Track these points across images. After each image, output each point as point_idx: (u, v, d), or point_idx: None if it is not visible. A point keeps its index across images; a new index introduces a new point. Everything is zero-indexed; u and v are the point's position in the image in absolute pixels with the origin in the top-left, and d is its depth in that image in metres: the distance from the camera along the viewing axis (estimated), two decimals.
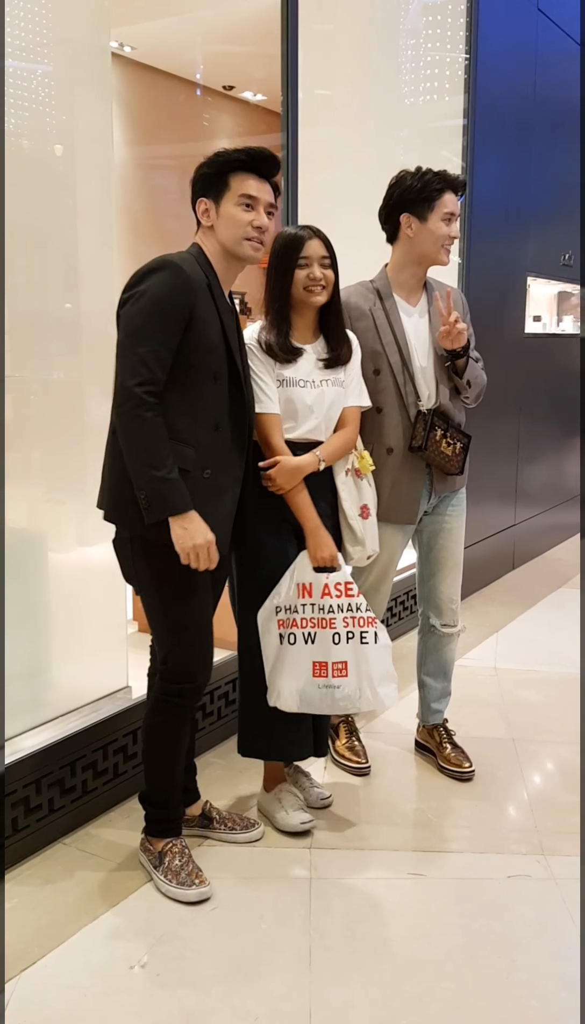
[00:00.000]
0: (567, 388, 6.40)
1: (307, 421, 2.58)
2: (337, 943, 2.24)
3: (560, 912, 2.37)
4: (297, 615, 2.56)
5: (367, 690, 2.59)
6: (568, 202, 6.02)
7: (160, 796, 2.49)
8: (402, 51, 4.55)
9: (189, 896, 2.37)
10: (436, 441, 2.84)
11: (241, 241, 2.29)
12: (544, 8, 5.26)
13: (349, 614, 2.58)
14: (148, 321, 2.15)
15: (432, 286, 2.94)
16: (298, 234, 2.53)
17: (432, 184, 2.78)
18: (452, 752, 3.11)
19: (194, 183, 2.34)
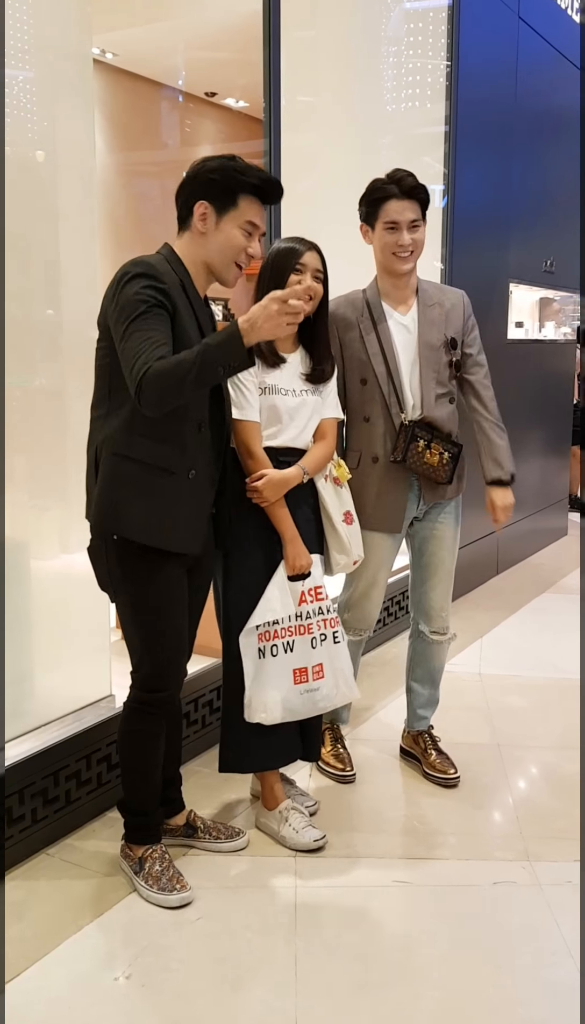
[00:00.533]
0: (549, 393, 6.43)
1: (288, 429, 2.58)
2: (323, 952, 2.23)
3: (546, 918, 2.36)
4: (278, 626, 2.57)
5: (342, 685, 2.68)
6: (549, 209, 6.05)
7: (138, 803, 2.48)
8: (384, 58, 4.56)
9: (170, 901, 2.36)
10: (418, 452, 2.84)
11: (230, 265, 2.28)
12: (525, 16, 5.29)
13: (321, 617, 2.63)
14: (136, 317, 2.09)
15: (429, 294, 2.90)
16: (296, 246, 2.55)
17: (375, 192, 2.77)
18: (437, 758, 3.11)
19: (196, 183, 2.25)
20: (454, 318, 2.90)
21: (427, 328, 2.86)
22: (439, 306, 2.89)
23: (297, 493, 2.61)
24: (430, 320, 2.86)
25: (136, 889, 2.43)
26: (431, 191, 4.74)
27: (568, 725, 3.57)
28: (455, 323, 2.90)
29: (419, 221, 2.78)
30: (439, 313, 2.88)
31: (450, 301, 2.91)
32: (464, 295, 2.97)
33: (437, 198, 4.75)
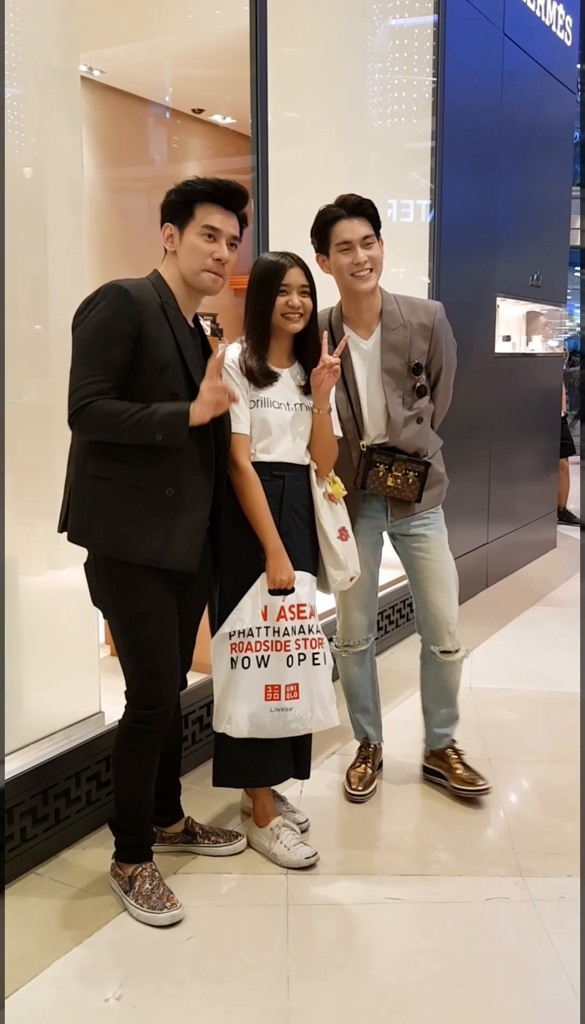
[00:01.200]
0: (536, 406, 6.45)
1: (281, 442, 2.58)
2: (315, 971, 2.21)
3: (539, 934, 2.35)
4: (252, 638, 2.55)
5: (318, 711, 2.60)
6: (535, 223, 6.08)
7: (130, 822, 2.47)
8: (370, 75, 4.59)
9: (160, 920, 2.34)
10: (379, 478, 2.84)
11: (199, 272, 2.31)
12: (509, 32, 5.33)
13: (301, 636, 2.57)
14: (93, 346, 2.20)
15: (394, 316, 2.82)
16: (279, 262, 2.54)
17: (322, 218, 2.76)
18: (465, 772, 3.06)
19: (162, 208, 2.36)
20: (419, 342, 2.84)
21: (388, 354, 2.82)
22: (404, 328, 2.83)
23: (293, 509, 2.61)
24: (392, 345, 2.82)
25: (126, 908, 2.41)
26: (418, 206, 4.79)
27: (559, 739, 3.56)
28: (419, 346, 2.84)
29: (372, 237, 2.74)
30: (403, 336, 2.82)
31: (418, 321, 2.84)
32: (438, 312, 2.89)
33: (423, 213, 4.78)
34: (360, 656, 3.11)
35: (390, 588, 4.47)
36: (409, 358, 2.83)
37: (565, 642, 4.74)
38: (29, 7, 2.56)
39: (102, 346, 2.19)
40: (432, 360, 2.89)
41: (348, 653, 3.11)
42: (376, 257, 2.75)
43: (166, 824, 2.70)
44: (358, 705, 3.18)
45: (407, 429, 2.86)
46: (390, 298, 2.87)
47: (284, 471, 2.60)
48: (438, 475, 2.96)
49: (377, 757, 3.21)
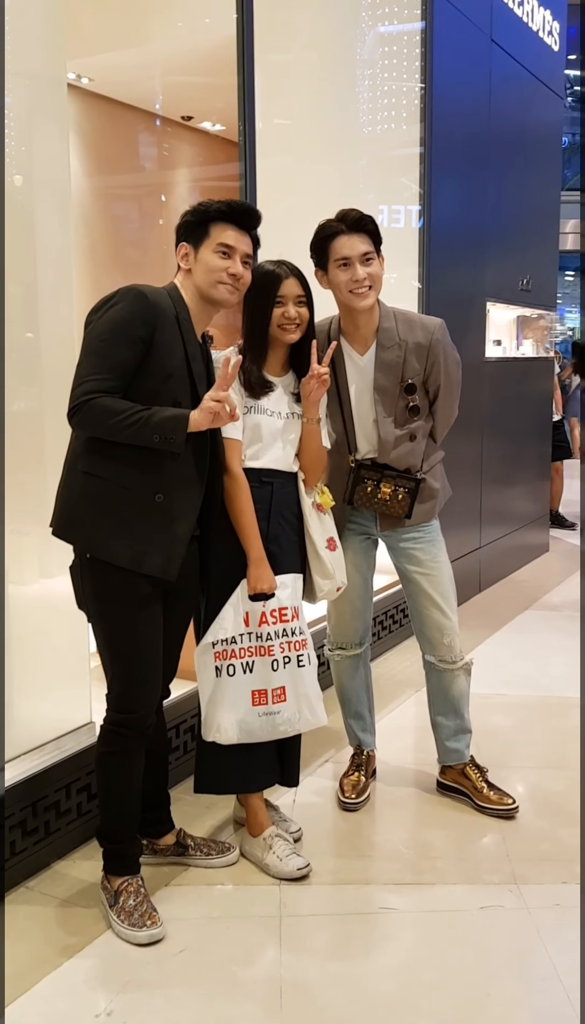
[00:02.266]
0: (527, 410, 6.45)
1: (271, 449, 2.57)
2: (308, 983, 2.19)
3: (535, 943, 2.33)
4: (236, 646, 2.54)
5: (306, 711, 2.60)
6: (524, 227, 6.09)
7: (114, 831, 2.45)
8: (358, 81, 4.59)
9: (139, 938, 2.32)
10: (367, 494, 2.83)
11: (215, 284, 2.34)
12: (497, 39, 5.34)
13: (285, 639, 2.57)
14: (103, 342, 2.21)
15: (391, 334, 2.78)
16: (275, 271, 2.53)
17: (322, 232, 2.73)
18: (491, 792, 3.00)
19: (177, 229, 2.42)
20: (414, 361, 2.79)
21: (382, 372, 2.79)
22: (399, 347, 2.78)
23: (282, 515, 2.61)
24: (386, 364, 2.78)
25: (109, 923, 2.39)
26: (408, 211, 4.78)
27: (552, 744, 3.55)
28: (414, 366, 2.79)
29: (372, 254, 2.70)
30: (397, 355, 2.78)
31: (415, 340, 2.78)
32: (436, 331, 2.81)
33: (413, 219, 4.78)
34: (354, 661, 3.10)
35: (384, 593, 4.45)
36: (402, 377, 2.80)
37: (559, 647, 4.73)
38: (15, 14, 2.54)
39: (113, 344, 2.20)
40: (429, 379, 2.84)
41: (341, 657, 3.09)
42: (375, 274, 2.71)
43: (157, 836, 2.68)
44: (352, 711, 3.16)
45: (398, 448, 2.84)
46: (389, 314, 2.82)
47: (272, 478, 2.59)
48: (431, 490, 2.93)
49: (371, 764, 3.19)
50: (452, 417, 2.99)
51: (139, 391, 2.23)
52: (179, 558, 2.33)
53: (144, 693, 2.38)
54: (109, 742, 2.41)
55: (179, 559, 2.33)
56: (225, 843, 2.73)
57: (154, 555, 2.28)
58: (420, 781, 3.21)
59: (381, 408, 2.81)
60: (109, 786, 2.43)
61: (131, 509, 2.26)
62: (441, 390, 2.88)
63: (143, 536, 2.27)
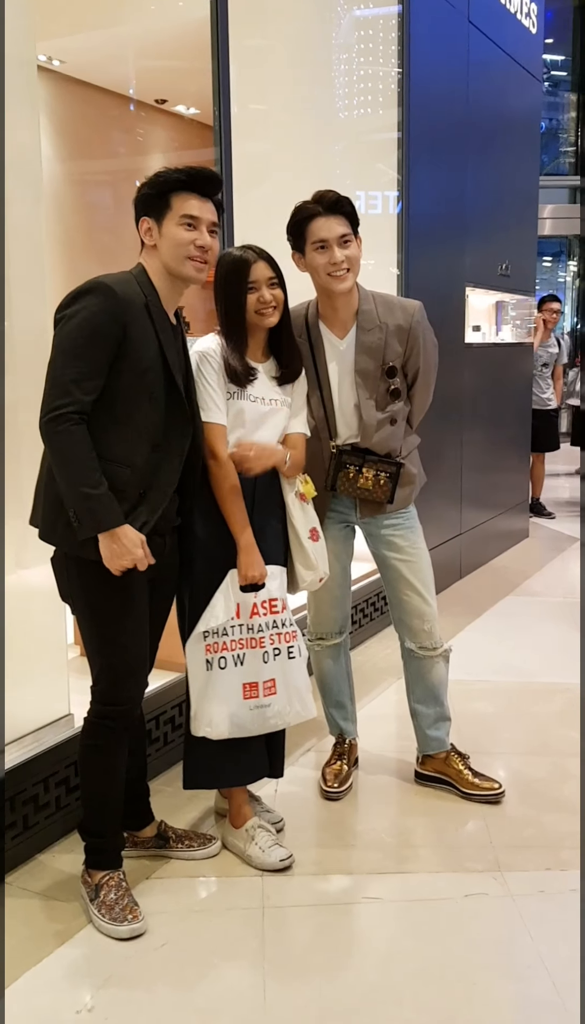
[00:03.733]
0: (507, 396, 6.44)
1: (254, 435, 2.55)
2: (292, 975, 2.17)
3: (519, 931, 2.32)
4: (227, 638, 2.51)
5: (296, 703, 2.59)
6: (503, 212, 6.06)
7: (97, 824, 2.43)
8: (335, 65, 4.54)
9: (120, 932, 2.30)
10: (349, 479, 2.81)
11: (184, 260, 2.28)
12: (474, 20, 5.29)
13: (275, 631, 2.55)
14: (76, 343, 2.16)
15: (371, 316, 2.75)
16: (243, 257, 2.49)
17: (298, 215, 2.69)
18: (475, 778, 3.00)
19: (136, 203, 2.32)
20: (394, 344, 2.77)
21: (362, 356, 2.76)
22: (379, 330, 2.75)
23: (265, 505, 2.59)
24: (367, 346, 2.76)
25: (90, 918, 2.36)
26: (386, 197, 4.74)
27: (534, 730, 3.55)
28: (395, 349, 2.77)
29: (350, 236, 2.66)
30: (378, 338, 2.75)
31: (395, 322, 2.77)
32: (416, 313, 2.80)
33: (391, 204, 4.74)
34: (334, 650, 3.08)
35: (363, 582, 4.44)
36: (383, 360, 2.77)
37: (540, 632, 4.73)
38: None
39: (86, 345, 2.15)
40: (409, 362, 2.82)
41: (321, 647, 3.07)
42: (353, 256, 2.67)
43: (138, 828, 2.66)
44: (333, 700, 3.14)
45: (380, 431, 2.82)
46: (368, 297, 2.80)
47: None
48: (410, 475, 2.91)
49: (353, 753, 3.17)
50: (428, 402, 2.97)
51: (114, 388, 2.19)
52: (156, 549, 2.31)
53: (131, 685, 2.36)
54: (94, 734, 2.38)
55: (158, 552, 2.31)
56: (207, 835, 2.71)
57: None
58: (402, 769, 3.20)
59: (363, 391, 2.78)
60: (93, 779, 2.40)
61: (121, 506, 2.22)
62: (419, 373, 2.86)
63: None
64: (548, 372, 7.66)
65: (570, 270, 20.57)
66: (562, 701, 3.82)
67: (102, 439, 2.18)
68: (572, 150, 20.21)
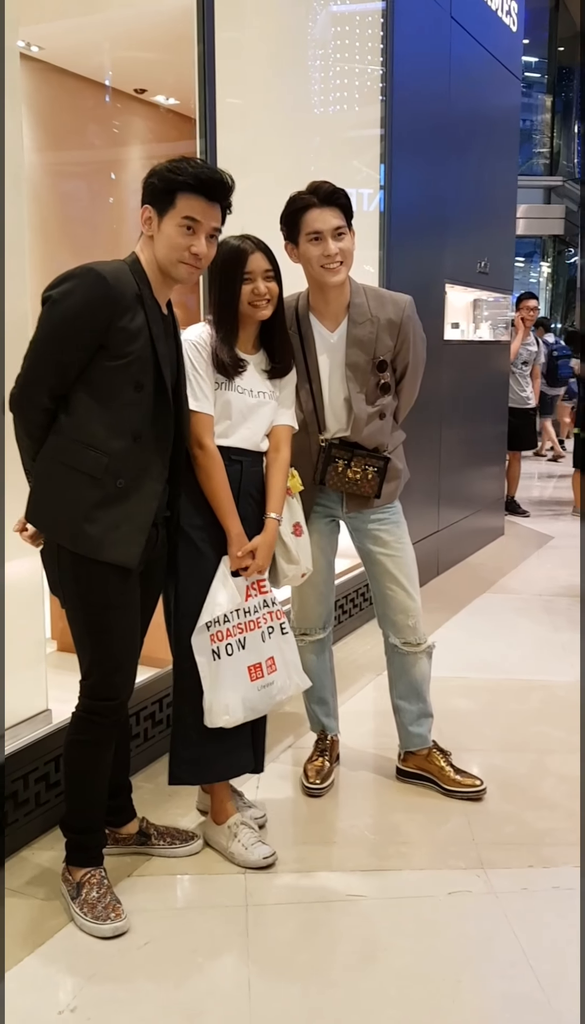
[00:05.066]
0: (484, 394, 6.45)
1: (241, 428, 2.52)
2: (276, 974, 2.15)
3: (503, 928, 2.32)
4: (229, 624, 2.51)
5: (295, 675, 2.66)
6: (483, 210, 6.07)
7: (81, 821, 2.39)
8: (316, 61, 4.51)
9: (103, 931, 2.26)
10: (338, 473, 2.79)
11: (176, 263, 2.24)
12: (457, 16, 5.29)
13: (267, 609, 2.60)
14: (57, 330, 2.15)
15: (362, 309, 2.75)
16: (240, 247, 2.46)
17: (293, 205, 2.66)
18: (457, 775, 2.99)
19: (143, 190, 2.27)
20: (385, 338, 2.76)
21: (353, 349, 2.75)
22: (371, 323, 2.75)
23: (250, 495, 2.57)
24: (357, 340, 2.75)
25: (71, 916, 2.32)
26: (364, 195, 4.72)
27: (514, 727, 3.55)
28: (386, 342, 2.77)
29: (344, 228, 2.65)
30: (369, 331, 2.75)
31: (386, 316, 2.76)
32: (407, 307, 2.80)
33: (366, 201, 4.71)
34: (317, 646, 3.06)
35: (345, 576, 4.42)
36: (374, 354, 2.76)
37: (518, 629, 4.74)
38: None
39: (61, 345, 2.14)
40: (398, 356, 2.82)
41: (304, 642, 3.05)
42: (347, 249, 2.66)
43: (119, 825, 2.62)
44: (315, 696, 3.12)
45: (370, 425, 2.80)
46: (359, 290, 2.79)
47: (242, 456, 2.55)
48: (396, 470, 2.91)
49: (334, 749, 3.15)
50: (414, 397, 2.96)
51: (101, 373, 2.17)
52: (140, 546, 2.27)
53: (121, 679, 2.33)
54: (82, 730, 2.34)
55: (140, 547, 2.27)
56: (188, 831, 2.68)
57: (115, 543, 2.21)
58: (383, 766, 3.18)
59: (354, 385, 2.76)
60: (78, 775, 2.37)
61: (92, 496, 2.19)
62: (408, 368, 2.85)
63: (102, 524, 2.20)
64: (527, 370, 7.66)
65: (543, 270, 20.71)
66: (540, 698, 3.82)
67: (80, 421, 2.18)
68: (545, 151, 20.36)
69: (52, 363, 2.15)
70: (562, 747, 3.35)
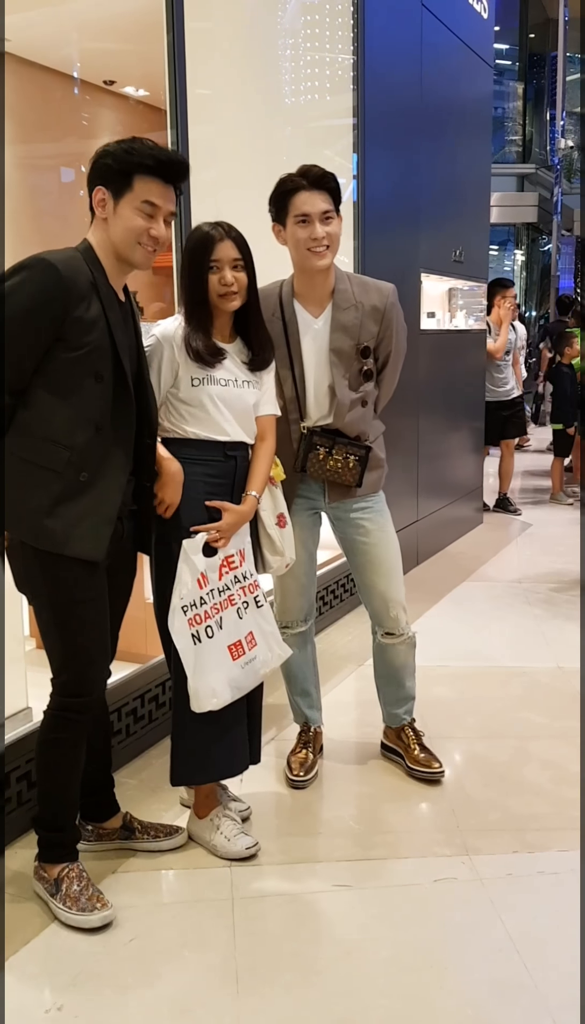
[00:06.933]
0: (460, 383, 6.45)
1: (230, 421, 2.48)
2: (264, 966, 2.15)
3: (489, 914, 2.32)
4: (206, 606, 2.47)
5: (275, 646, 2.64)
6: (457, 198, 6.06)
7: (55, 817, 2.37)
8: (286, 49, 4.48)
9: (92, 921, 2.25)
10: (319, 461, 2.79)
11: (134, 246, 2.19)
12: (428, 4, 5.27)
13: (240, 585, 2.55)
14: (10, 325, 2.07)
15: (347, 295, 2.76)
16: (209, 233, 2.41)
17: (282, 187, 2.66)
18: (421, 753, 3.04)
19: (94, 170, 2.20)
20: (369, 324, 2.77)
21: (338, 334, 2.75)
22: (356, 309, 2.76)
23: (243, 489, 2.54)
24: (342, 325, 2.75)
25: (54, 913, 2.30)
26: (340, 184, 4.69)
27: (495, 714, 3.56)
28: (370, 329, 2.77)
29: (332, 213, 2.65)
30: (354, 317, 2.75)
31: (371, 303, 2.77)
32: (391, 294, 2.82)
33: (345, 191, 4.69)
34: (300, 638, 3.05)
35: (326, 568, 4.42)
36: (358, 340, 2.76)
37: (497, 617, 4.75)
38: None
39: (14, 341, 2.07)
40: (381, 344, 2.82)
41: (286, 635, 3.04)
42: (334, 234, 2.67)
43: (102, 820, 2.61)
44: (298, 688, 3.11)
45: (352, 412, 2.80)
46: (343, 276, 2.79)
47: (236, 451, 2.52)
48: (378, 460, 2.90)
49: (318, 741, 3.15)
50: (394, 386, 2.96)
51: (57, 366, 2.11)
52: (106, 539, 2.23)
53: (94, 673, 2.31)
54: (57, 728, 2.32)
55: (106, 539, 2.23)
56: (172, 825, 2.67)
57: (79, 537, 2.18)
58: (367, 756, 3.19)
59: (338, 370, 2.76)
60: (54, 772, 2.34)
61: (55, 490, 2.15)
62: (390, 356, 2.85)
63: (65, 518, 2.16)
64: (509, 360, 7.35)
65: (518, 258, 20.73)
66: (521, 685, 3.84)
67: (40, 416, 2.13)
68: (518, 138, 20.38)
69: (7, 359, 2.08)
70: (544, 733, 3.37)
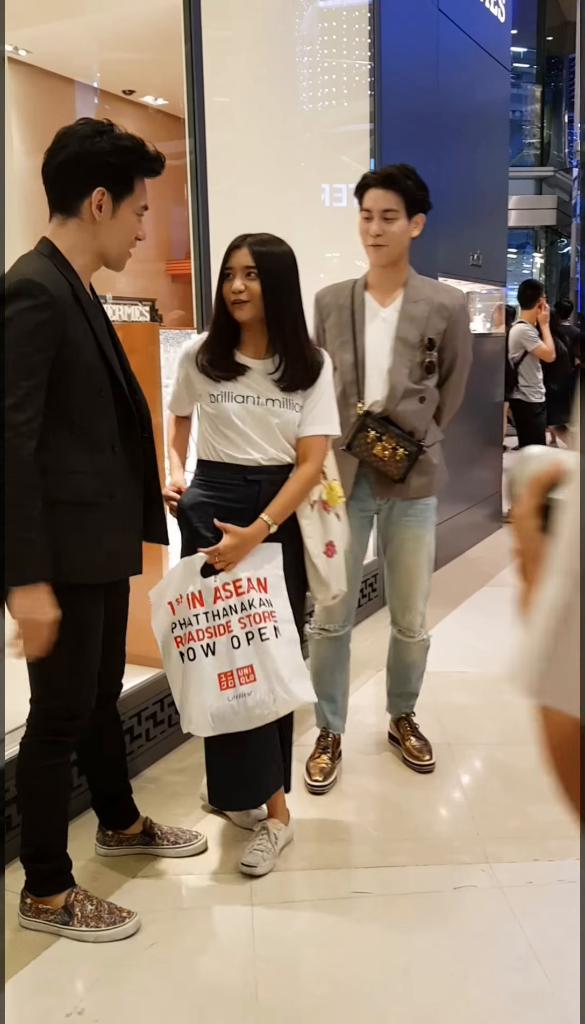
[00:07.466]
0: (478, 387, 6.43)
1: (249, 441, 2.38)
2: (283, 973, 2.16)
3: (509, 922, 2.32)
4: (192, 627, 2.36)
5: (279, 690, 2.34)
6: (475, 202, 6.05)
7: (49, 847, 2.28)
8: (303, 57, 4.50)
9: (128, 930, 2.25)
10: (367, 443, 2.80)
11: (126, 252, 2.17)
12: (444, 8, 5.27)
13: (243, 613, 2.35)
14: (23, 354, 1.94)
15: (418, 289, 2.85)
16: (232, 242, 2.37)
17: (361, 181, 2.81)
18: (416, 743, 3.13)
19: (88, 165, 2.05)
20: (436, 320, 2.83)
21: (405, 324, 2.82)
22: (426, 303, 2.83)
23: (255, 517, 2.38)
24: (410, 316, 2.82)
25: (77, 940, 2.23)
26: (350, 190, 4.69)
27: (515, 721, 3.54)
28: (436, 325, 2.83)
29: (394, 212, 2.75)
30: (423, 310, 2.82)
31: (440, 300, 2.84)
32: (461, 298, 2.91)
33: None
34: (335, 642, 3.05)
35: None
36: (424, 332, 2.82)
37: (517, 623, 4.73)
38: None
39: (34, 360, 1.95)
40: (447, 345, 2.87)
41: (323, 636, 3.05)
42: (391, 232, 2.76)
43: (124, 827, 2.61)
44: (324, 692, 3.09)
45: (406, 401, 2.83)
46: (416, 275, 2.92)
47: (259, 474, 2.39)
48: (430, 465, 2.91)
49: (337, 747, 3.15)
50: (459, 398, 3.04)
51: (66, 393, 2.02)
52: (140, 550, 2.26)
53: (90, 695, 2.26)
54: (50, 755, 2.23)
55: (140, 551, 2.27)
56: (192, 831, 2.67)
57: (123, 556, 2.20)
58: (386, 762, 3.19)
59: (398, 358, 2.82)
60: (45, 801, 2.25)
61: (94, 523, 2.10)
62: (456, 361, 2.92)
63: (109, 546, 2.15)
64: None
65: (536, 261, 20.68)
66: None
67: (60, 450, 2.03)
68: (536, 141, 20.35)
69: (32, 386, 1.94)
70: None
